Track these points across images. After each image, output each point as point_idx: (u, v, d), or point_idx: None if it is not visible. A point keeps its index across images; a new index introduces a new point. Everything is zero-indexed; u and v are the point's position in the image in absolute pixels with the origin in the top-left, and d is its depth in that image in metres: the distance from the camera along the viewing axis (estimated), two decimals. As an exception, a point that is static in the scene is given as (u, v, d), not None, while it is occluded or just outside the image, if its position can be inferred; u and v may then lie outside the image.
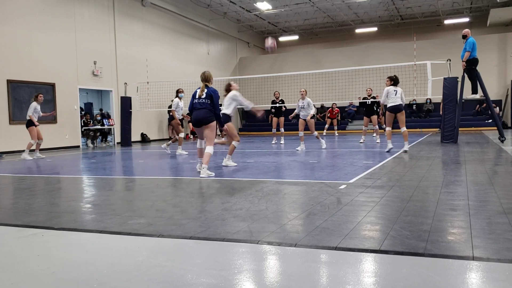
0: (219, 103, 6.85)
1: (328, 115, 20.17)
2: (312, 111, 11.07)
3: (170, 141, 11.12)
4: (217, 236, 3.01)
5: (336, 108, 20.14)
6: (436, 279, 2.15)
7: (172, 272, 2.37)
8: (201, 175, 6.38)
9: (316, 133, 11.20)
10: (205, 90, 6.66)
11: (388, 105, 9.09)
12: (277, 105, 14.41)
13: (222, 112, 7.49)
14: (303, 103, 11.06)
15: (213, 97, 6.60)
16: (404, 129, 9.33)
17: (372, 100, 13.05)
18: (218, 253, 2.69)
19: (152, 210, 4.01)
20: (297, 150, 10.84)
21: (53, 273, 2.42)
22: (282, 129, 14.11)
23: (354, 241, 2.78)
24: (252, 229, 3.16)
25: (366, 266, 2.41)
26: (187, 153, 10.78)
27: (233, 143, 7.72)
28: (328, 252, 2.62)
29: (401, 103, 9.06)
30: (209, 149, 6.58)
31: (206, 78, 6.74)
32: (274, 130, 14.35)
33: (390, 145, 9.28)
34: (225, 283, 2.18)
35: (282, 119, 14.29)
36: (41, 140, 10.99)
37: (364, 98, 13.45)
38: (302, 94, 11.12)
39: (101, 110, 17.87)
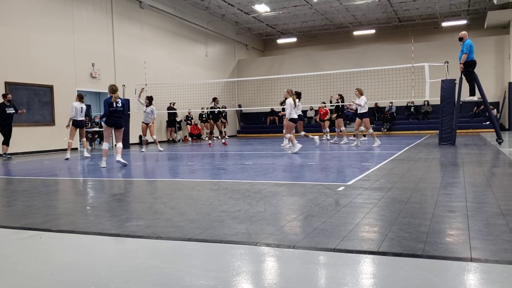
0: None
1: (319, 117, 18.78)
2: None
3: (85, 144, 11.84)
4: (215, 238, 3.00)
5: (325, 109, 18.19)
6: (434, 280, 2.15)
7: (171, 274, 2.36)
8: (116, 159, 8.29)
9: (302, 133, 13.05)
10: (119, 100, 8.29)
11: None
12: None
13: (291, 117, 10.34)
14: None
15: (125, 105, 8.49)
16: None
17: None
18: (217, 255, 2.68)
19: (150, 212, 4.01)
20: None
21: (51, 275, 2.42)
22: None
23: (352, 243, 2.78)
24: (250, 231, 3.16)
25: (365, 267, 2.41)
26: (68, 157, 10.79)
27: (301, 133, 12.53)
28: (327, 254, 2.62)
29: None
30: (120, 145, 8.58)
31: (117, 89, 8.43)
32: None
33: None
34: (223, 284, 2.18)
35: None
36: None
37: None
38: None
39: (95, 118, 17.07)
